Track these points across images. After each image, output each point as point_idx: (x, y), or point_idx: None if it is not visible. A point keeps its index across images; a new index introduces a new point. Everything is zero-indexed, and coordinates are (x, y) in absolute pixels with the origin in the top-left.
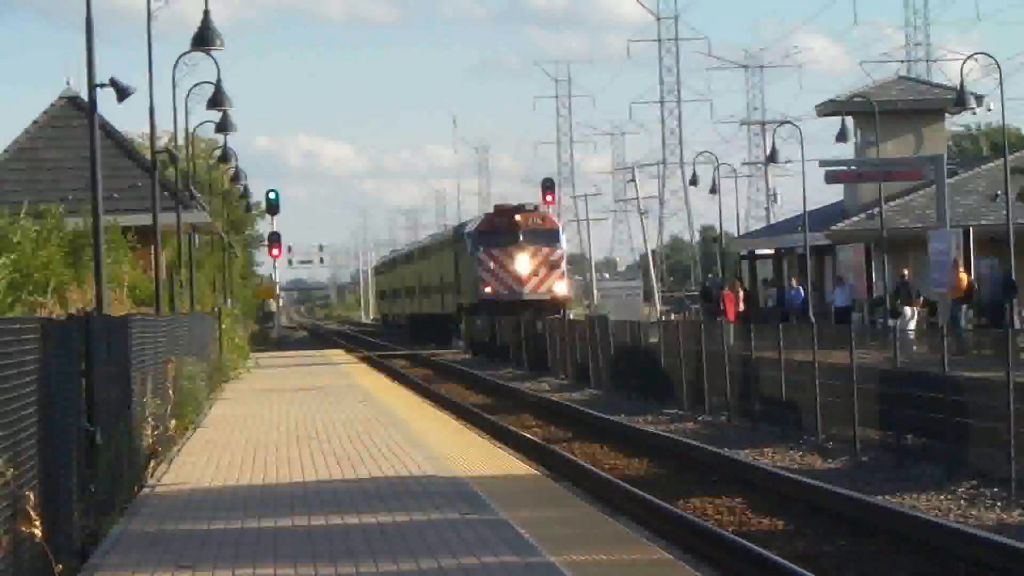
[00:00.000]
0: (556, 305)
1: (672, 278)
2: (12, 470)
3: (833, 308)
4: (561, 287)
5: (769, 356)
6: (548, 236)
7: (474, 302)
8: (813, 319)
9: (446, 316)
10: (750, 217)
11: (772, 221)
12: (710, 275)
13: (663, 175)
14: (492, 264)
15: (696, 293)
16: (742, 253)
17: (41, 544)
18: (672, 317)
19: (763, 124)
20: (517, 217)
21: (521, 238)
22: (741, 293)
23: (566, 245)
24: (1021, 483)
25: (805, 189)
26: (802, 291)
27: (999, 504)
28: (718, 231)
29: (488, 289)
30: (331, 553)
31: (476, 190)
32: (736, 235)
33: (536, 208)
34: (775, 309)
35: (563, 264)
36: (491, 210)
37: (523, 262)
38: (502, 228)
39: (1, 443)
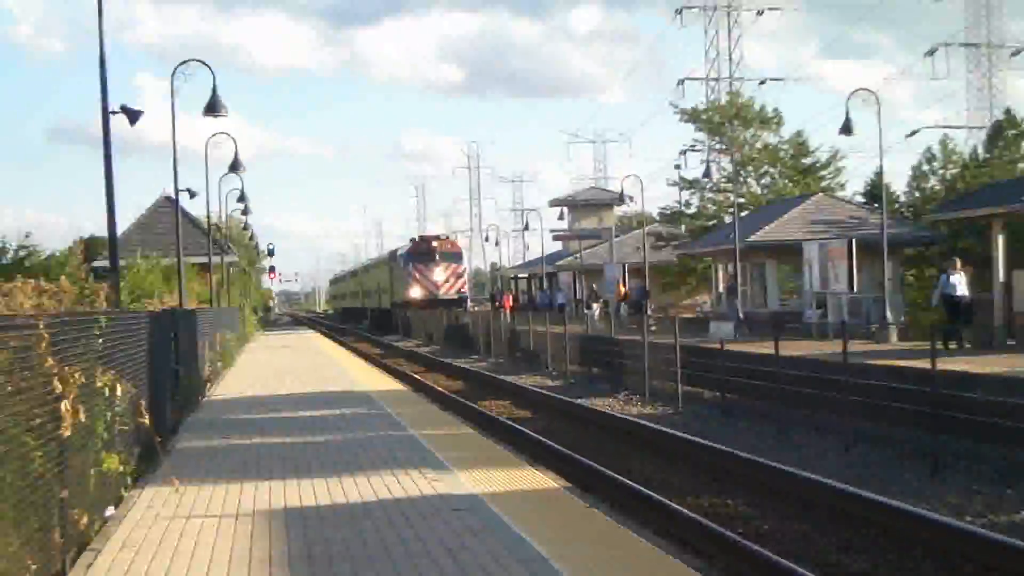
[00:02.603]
0: (460, 302)
1: (475, 289)
2: (134, 388)
3: (557, 305)
4: (464, 290)
5: (526, 328)
6: (455, 256)
7: (402, 301)
8: (548, 311)
9: (383, 311)
10: (516, 257)
11: (527, 259)
12: (496, 287)
13: (472, 237)
14: (417, 275)
15: (488, 297)
16: (512, 276)
17: (149, 428)
18: (476, 308)
19: (524, 211)
20: (434, 243)
21: (437, 257)
22: (510, 297)
23: (467, 263)
24: (652, 393)
25: (543, 244)
26: (549, 295)
27: (640, 404)
28: (499, 264)
29: (415, 292)
30: (300, 430)
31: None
32: (508, 266)
33: (447, 237)
34: (532, 306)
35: (465, 275)
36: (416, 239)
37: (439, 273)
38: (424, 250)
39: (129, 375)
